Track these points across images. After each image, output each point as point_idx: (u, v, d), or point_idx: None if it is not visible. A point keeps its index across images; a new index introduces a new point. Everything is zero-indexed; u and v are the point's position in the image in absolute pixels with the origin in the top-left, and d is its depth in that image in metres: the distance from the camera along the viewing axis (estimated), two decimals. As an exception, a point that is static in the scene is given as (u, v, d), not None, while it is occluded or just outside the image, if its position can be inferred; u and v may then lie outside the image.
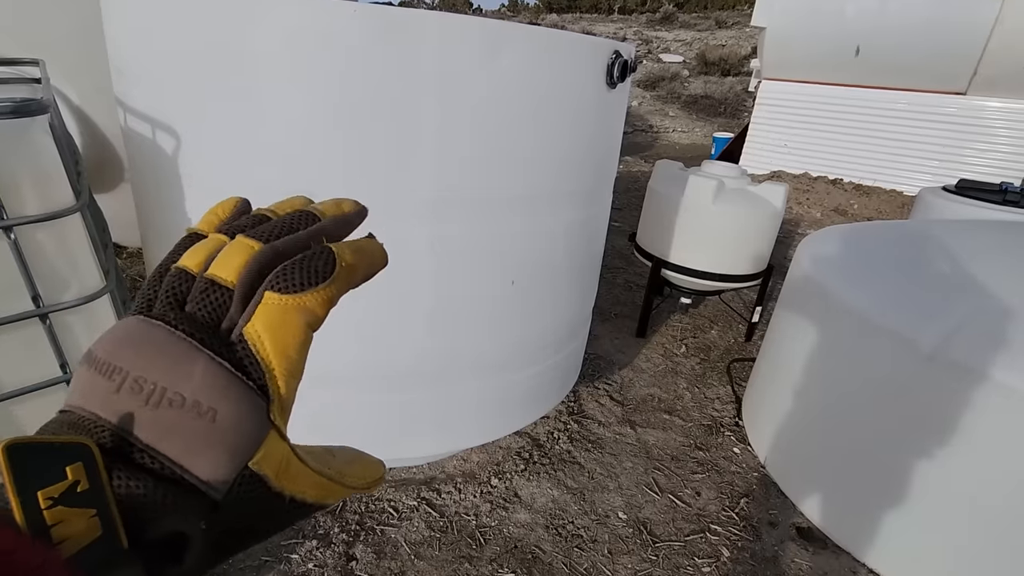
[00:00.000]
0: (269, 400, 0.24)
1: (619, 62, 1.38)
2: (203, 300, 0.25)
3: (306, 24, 1.03)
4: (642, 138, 9.93)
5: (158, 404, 0.22)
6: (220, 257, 0.26)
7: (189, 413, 0.22)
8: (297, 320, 0.25)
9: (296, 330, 0.25)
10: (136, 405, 0.22)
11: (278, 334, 0.24)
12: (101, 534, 0.20)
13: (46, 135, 1.05)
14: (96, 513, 0.20)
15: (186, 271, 0.26)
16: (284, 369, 0.25)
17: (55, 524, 0.19)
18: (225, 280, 0.25)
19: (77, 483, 0.20)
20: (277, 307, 0.25)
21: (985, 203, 2.54)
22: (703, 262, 2.41)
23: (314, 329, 0.26)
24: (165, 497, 0.21)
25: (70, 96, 2.26)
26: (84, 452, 0.20)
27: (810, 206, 5.42)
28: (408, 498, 1.57)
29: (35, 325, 1.07)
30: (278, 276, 0.25)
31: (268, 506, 0.24)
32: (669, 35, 16.18)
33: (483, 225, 1.28)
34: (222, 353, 0.24)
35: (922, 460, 1.34)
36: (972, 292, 1.44)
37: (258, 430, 0.24)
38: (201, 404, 0.22)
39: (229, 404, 0.23)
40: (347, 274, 0.27)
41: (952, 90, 5.28)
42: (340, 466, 0.28)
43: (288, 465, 0.25)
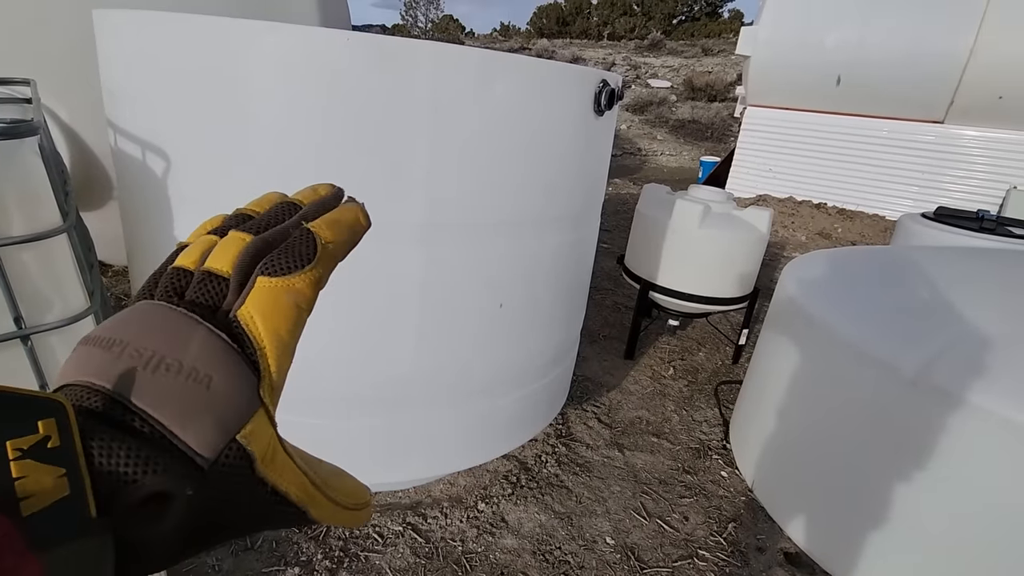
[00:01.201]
0: (259, 377, 0.25)
1: (606, 91, 1.41)
2: (201, 288, 0.26)
3: (300, 52, 1.05)
4: (631, 161, 10.09)
5: (156, 368, 0.23)
6: (215, 251, 0.28)
7: (186, 379, 0.23)
8: (287, 301, 0.26)
9: (286, 310, 0.26)
10: (134, 371, 0.23)
11: (269, 314, 0.26)
12: (68, 494, 0.19)
13: (35, 156, 1.05)
14: (65, 473, 0.19)
15: (183, 268, 0.28)
16: (275, 348, 0.26)
17: (21, 477, 0.18)
18: (221, 270, 0.27)
19: (48, 439, 0.19)
20: (267, 289, 0.26)
21: (963, 230, 2.60)
22: (690, 285, 2.43)
23: (305, 310, 0.27)
24: (150, 459, 0.21)
25: (60, 114, 2.27)
26: (57, 408, 0.20)
27: (795, 229, 5.51)
28: (393, 523, 1.55)
29: (16, 347, 1.06)
30: (267, 262, 0.27)
31: (250, 490, 0.25)
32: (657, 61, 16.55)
33: (472, 250, 1.29)
34: (220, 327, 0.25)
35: (905, 484, 1.35)
36: (952, 318, 1.47)
37: (248, 402, 0.24)
38: (198, 371, 0.23)
39: (224, 371, 0.24)
40: (331, 251, 0.29)
41: (930, 119, 5.44)
42: (324, 474, 0.28)
43: (274, 453, 0.25)
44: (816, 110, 5.96)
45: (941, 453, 1.28)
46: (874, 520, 1.42)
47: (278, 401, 0.27)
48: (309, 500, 0.27)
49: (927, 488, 1.32)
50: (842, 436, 1.50)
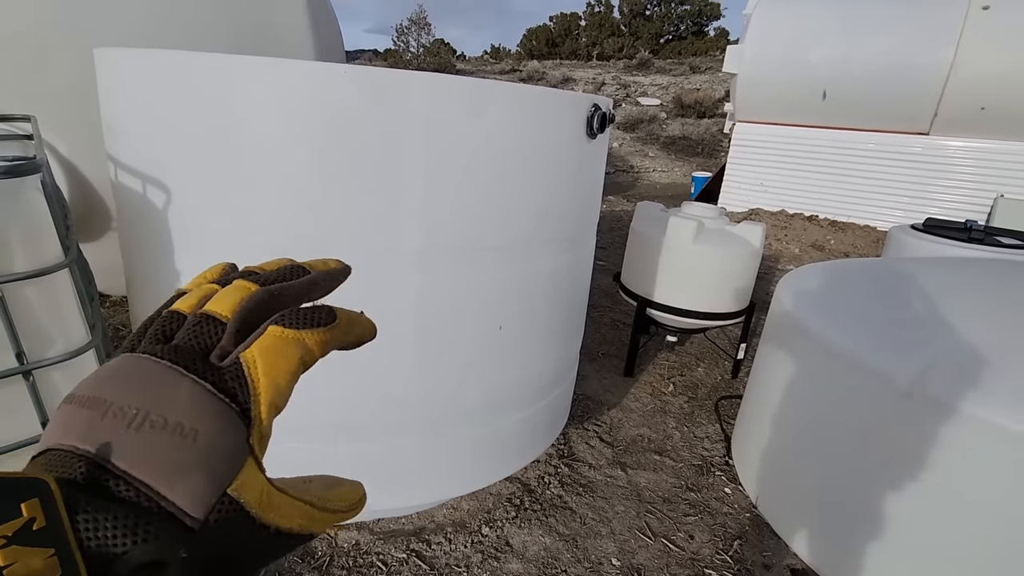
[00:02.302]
0: (250, 424, 0.25)
1: (598, 115, 1.44)
2: (193, 331, 0.26)
3: (298, 87, 1.08)
4: (624, 178, 10.19)
5: (140, 427, 0.22)
6: (217, 296, 0.28)
7: (171, 435, 0.22)
8: (293, 351, 0.26)
9: (290, 360, 0.26)
10: (118, 431, 0.22)
11: (272, 360, 0.26)
12: (60, 574, 0.19)
13: (37, 192, 1.07)
14: (54, 552, 0.19)
15: (178, 312, 0.27)
16: (269, 395, 0.25)
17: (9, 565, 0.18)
18: (220, 314, 0.26)
19: (33, 520, 0.19)
20: (276, 337, 0.26)
21: (952, 241, 2.64)
22: (687, 300, 2.45)
23: (305, 367, 0.27)
24: (138, 527, 0.20)
25: (59, 148, 2.29)
26: (41, 488, 0.19)
27: (788, 242, 5.56)
28: (397, 550, 1.53)
29: (18, 382, 1.06)
30: (283, 315, 0.27)
31: (252, 537, 0.24)
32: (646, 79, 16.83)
33: (469, 274, 1.30)
34: (206, 376, 0.24)
35: (905, 496, 1.36)
36: (944, 328, 1.49)
37: (237, 453, 0.24)
38: (183, 425, 0.23)
39: (212, 424, 0.23)
40: (345, 327, 0.29)
41: (916, 131, 5.54)
42: (319, 492, 0.28)
43: (269, 496, 0.25)
44: (804, 124, 6.06)
45: (938, 464, 1.29)
46: (876, 533, 1.41)
47: (266, 448, 0.26)
48: (310, 523, 0.27)
49: (926, 499, 1.32)
50: (841, 449, 1.51)
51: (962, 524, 1.27)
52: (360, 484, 0.31)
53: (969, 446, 1.24)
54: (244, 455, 0.24)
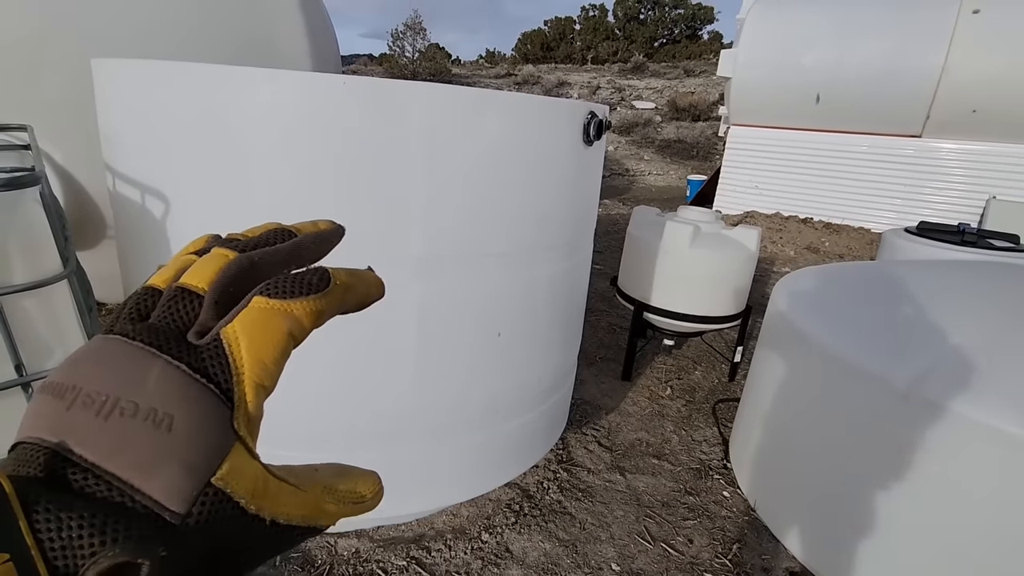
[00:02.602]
0: (233, 407, 0.22)
1: (595, 121, 1.45)
2: (169, 308, 0.24)
3: (298, 98, 1.08)
4: (619, 181, 10.22)
5: (109, 414, 0.20)
6: (193, 267, 0.25)
7: (144, 422, 0.20)
8: (280, 325, 0.24)
9: (276, 335, 0.24)
10: (85, 420, 0.20)
11: (256, 336, 0.23)
12: None
13: (37, 204, 1.07)
14: (9, 558, 0.17)
15: (153, 288, 0.25)
16: (255, 375, 0.23)
17: None
18: (196, 287, 0.24)
19: None
20: (261, 310, 0.24)
21: (945, 244, 2.67)
22: (683, 304, 2.46)
23: (296, 341, 0.25)
24: (107, 525, 0.18)
25: (55, 157, 2.29)
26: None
27: (783, 244, 5.59)
28: (397, 558, 1.53)
29: (17, 394, 1.06)
30: (269, 284, 0.24)
31: (245, 530, 0.22)
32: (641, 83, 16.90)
33: (469, 281, 1.31)
34: (181, 356, 0.22)
35: (902, 498, 1.37)
36: (940, 331, 1.50)
37: (219, 439, 0.22)
38: (156, 411, 0.21)
39: (186, 408, 0.21)
40: (341, 292, 0.26)
41: (908, 133, 5.58)
42: (327, 480, 0.26)
43: (265, 484, 0.23)
44: (798, 128, 6.10)
45: (936, 466, 1.30)
46: (872, 535, 1.42)
47: (258, 432, 0.24)
48: (316, 514, 0.25)
49: (922, 501, 1.33)
50: (838, 451, 1.52)
51: (957, 525, 1.28)
52: (376, 475, 0.28)
53: (964, 448, 1.25)
54: (229, 441, 0.22)
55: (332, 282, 0.26)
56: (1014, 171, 5.20)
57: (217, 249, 0.26)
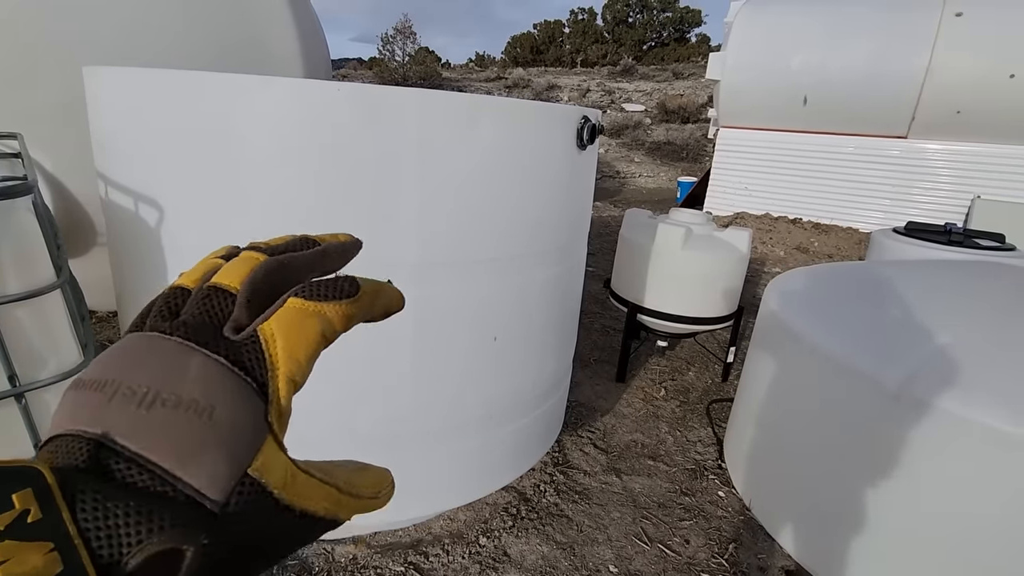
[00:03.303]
0: (268, 401, 0.23)
1: (588, 126, 1.46)
2: (203, 305, 0.25)
3: (291, 105, 1.08)
4: (610, 184, 10.27)
5: (151, 405, 0.21)
6: (225, 268, 0.26)
7: (186, 412, 0.21)
8: (314, 325, 0.25)
9: (311, 334, 0.25)
10: (128, 411, 0.20)
11: (292, 334, 0.24)
12: (62, 570, 0.17)
13: (29, 214, 1.06)
14: (54, 547, 0.17)
15: (181, 287, 0.26)
16: (288, 371, 0.24)
17: (4, 561, 0.16)
18: (229, 286, 0.25)
19: (27, 512, 0.17)
20: (297, 310, 0.25)
21: (932, 243, 2.71)
22: (676, 306, 2.48)
23: (327, 342, 0.26)
24: (152, 513, 0.19)
25: (44, 164, 2.26)
26: (34, 477, 0.18)
27: (773, 245, 5.64)
28: (395, 563, 1.53)
29: (10, 405, 1.05)
30: (305, 286, 0.26)
31: (276, 521, 0.23)
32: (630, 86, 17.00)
33: (464, 286, 1.31)
34: (218, 350, 0.23)
35: (894, 496, 1.38)
36: (929, 331, 1.53)
37: (255, 431, 0.22)
38: (198, 401, 0.21)
39: (226, 399, 0.22)
40: (370, 299, 0.28)
41: (894, 134, 5.66)
42: (346, 476, 0.27)
43: (294, 477, 0.23)
44: (786, 129, 6.17)
45: (927, 464, 1.32)
46: (867, 533, 1.44)
47: (286, 427, 0.25)
48: (338, 508, 0.26)
49: (916, 499, 1.35)
50: (831, 451, 1.54)
51: (949, 522, 1.30)
52: (388, 471, 0.29)
53: (955, 446, 1.27)
54: (264, 433, 0.23)
55: (361, 290, 0.27)
56: (998, 171, 5.29)
57: (247, 252, 0.27)
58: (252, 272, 0.25)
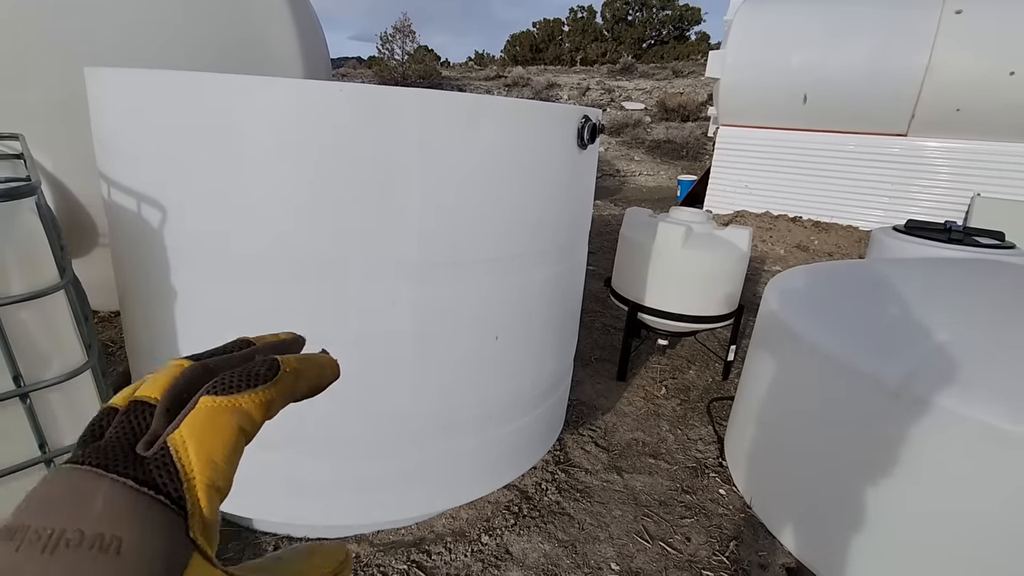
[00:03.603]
0: (187, 515, 0.22)
1: (588, 125, 1.47)
2: (121, 423, 0.23)
3: (292, 105, 1.09)
4: (610, 182, 10.27)
5: (54, 549, 0.19)
6: (148, 379, 0.25)
7: (90, 551, 0.19)
8: (228, 422, 0.23)
9: (225, 433, 0.23)
10: (34, 558, 0.19)
11: (205, 437, 0.23)
12: None
13: (33, 215, 1.06)
14: None
15: (111, 407, 0.25)
16: (206, 477, 0.22)
17: None
18: (150, 398, 0.24)
19: None
20: (207, 409, 0.23)
21: (932, 241, 2.71)
22: (676, 304, 2.48)
23: (248, 436, 0.24)
24: None
25: (46, 165, 2.27)
26: None
27: (773, 243, 5.65)
28: (397, 562, 1.54)
29: (15, 405, 1.05)
30: (214, 382, 0.24)
31: None
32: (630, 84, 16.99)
33: (464, 286, 1.32)
34: (127, 472, 0.21)
35: (894, 494, 1.39)
36: (929, 329, 1.53)
37: (174, 551, 0.21)
38: (104, 536, 0.19)
39: (134, 525, 0.20)
40: (291, 379, 0.26)
41: (894, 132, 5.66)
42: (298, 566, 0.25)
43: None
44: (786, 127, 6.17)
45: (928, 462, 1.32)
46: (867, 531, 1.45)
47: (216, 536, 0.23)
48: None
49: (916, 497, 1.36)
50: (831, 449, 1.54)
51: (949, 520, 1.31)
52: (343, 545, 0.29)
53: (955, 444, 1.28)
54: (187, 552, 0.21)
55: (281, 370, 0.26)
56: (998, 168, 5.29)
57: (173, 360, 0.26)
58: (174, 380, 0.24)
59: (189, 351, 0.28)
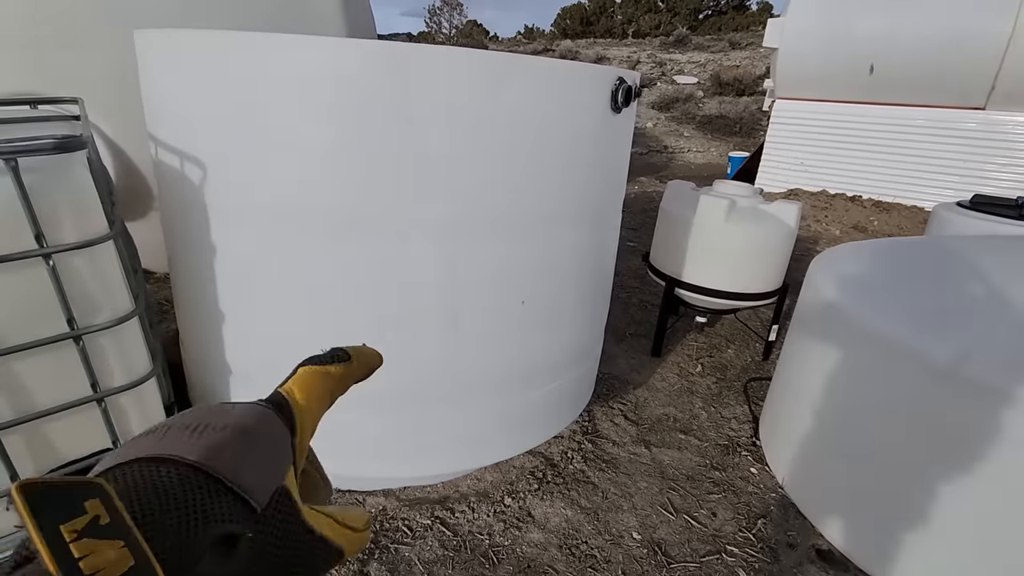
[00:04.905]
0: (293, 434, 0.30)
1: (623, 88, 1.42)
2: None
3: (323, 62, 1.10)
4: (657, 159, 9.98)
5: (202, 432, 0.26)
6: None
7: (232, 432, 0.27)
8: (321, 380, 0.33)
9: (319, 387, 0.33)
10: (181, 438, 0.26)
11: (307, 388, 0.32)
12: (133, 564, 0.20)
13: (84, 169, 1.13)
14: (124, 544, 0.20)
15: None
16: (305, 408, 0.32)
17: (84, 556, 0.19)
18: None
19: (97, 517, 0.20)
20: (308, 371, 0.34)
21: (1000, 218, 2.50)
22: (716, 281, 2.41)
23: (332, 396, 0.34)
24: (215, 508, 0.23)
25: (105, 130, 2.39)
26: (98, 489, 0.21)
27: (828, 224, 5.37)
28: (422, 517, 1.59)
29: (68, 346, 1.13)
30: (310, 359, 0.35)
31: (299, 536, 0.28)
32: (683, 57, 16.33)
33: (492, 248, 1.32)
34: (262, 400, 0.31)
35: (945, 482, 1.32)
36: (989, 310, 1.43)
37: (286, 455, 0.29)
38: (240, 425, 0.27)
39: (266, 426, 0.29)
40: (358, 362, 0.36)
41: (970, 105, 5.24)
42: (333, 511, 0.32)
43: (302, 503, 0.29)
44: (848, 100, 5.80)
45: (982, 449, 1.24)
46: (915, 520, 1.38)
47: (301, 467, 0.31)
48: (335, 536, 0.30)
49: (969, 486, 1.28)
50: (877, 433, 1.47)
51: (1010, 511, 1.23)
52: (367, 513, 0.36)
53: (1015, 430, 1.19)
54: (289, 458, 0.29)
55: (351, 356, 0.36)
56: (1089, 145, 4.82)
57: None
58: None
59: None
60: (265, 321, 1.38)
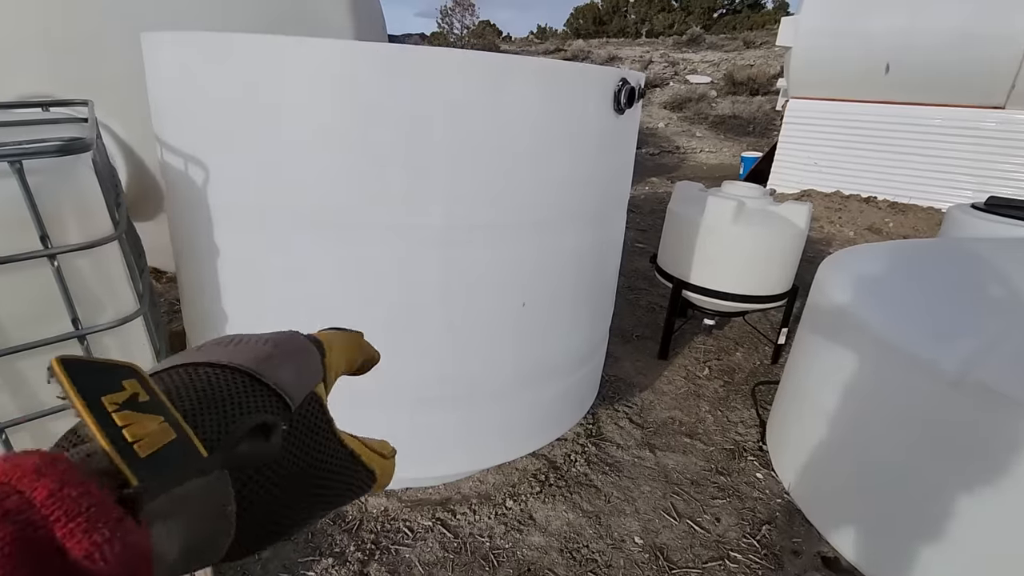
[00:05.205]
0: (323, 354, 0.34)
1: (626, 89, 1.41)
2: None
3: (325, 64, 1.10)
4: (669, 159, 9.91)
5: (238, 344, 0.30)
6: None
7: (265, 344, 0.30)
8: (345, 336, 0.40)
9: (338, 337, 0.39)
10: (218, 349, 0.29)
11: (326, 335, 0.38)
12: (175, 437, 0.21)
13: (88, 170, 1.14)
14: (164, 420, 0.21)
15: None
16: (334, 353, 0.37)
17: (127, 425, 0.19)
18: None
19: (136, 395, 0.21)
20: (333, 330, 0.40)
21: (1016, 220, 2.45)
22: (724, 283, 2.38)
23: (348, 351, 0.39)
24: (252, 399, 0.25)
25: (116, 131, 2.43)
26: (134, 371, 0.22)
27: (842, 225, 5.29)
28: (423, 518, 1.59)
29: (73, 346, 1.15)
30: (336, 326, 0.41)
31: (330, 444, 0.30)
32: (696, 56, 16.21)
33: (493, 250, 1.31)
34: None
35: (958, 492, 1.29)
36: (999, 312, 1.40)
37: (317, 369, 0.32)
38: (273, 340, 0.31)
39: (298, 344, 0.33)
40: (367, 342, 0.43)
41: (989, 104, 5.13)
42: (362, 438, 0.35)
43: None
44: (863, 100, 5.71)
45: (996, 458, 1.21)
46: (924, 528, 1.35)
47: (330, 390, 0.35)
48: (363, 455, 0.33)
49: (983, 495, 1.25)
50: (887, 439, 1.44)
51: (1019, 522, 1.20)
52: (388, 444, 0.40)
53: (1019, 437, 1.16)
54: (320, 373, 0.33)
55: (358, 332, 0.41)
56: (1113, 145, 4.71)
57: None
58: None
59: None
60: (266, 322, 1.38)
